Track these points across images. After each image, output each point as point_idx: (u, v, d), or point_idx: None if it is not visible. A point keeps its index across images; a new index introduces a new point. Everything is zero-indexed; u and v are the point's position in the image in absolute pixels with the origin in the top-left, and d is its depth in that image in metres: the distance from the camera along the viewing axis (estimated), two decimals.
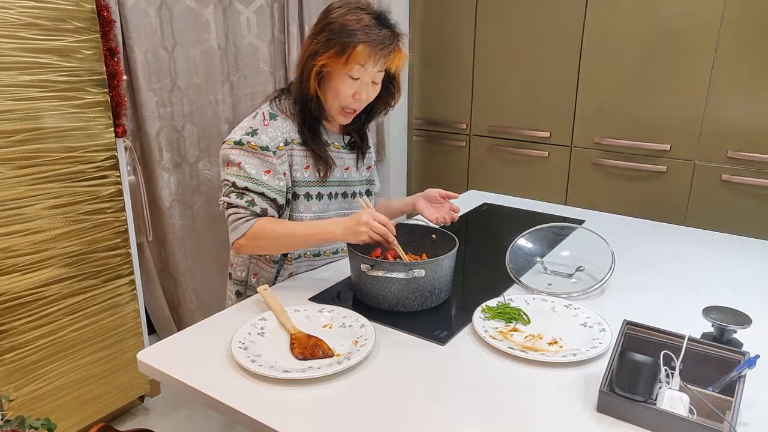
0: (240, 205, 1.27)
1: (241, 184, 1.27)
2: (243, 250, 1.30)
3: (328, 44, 1.26)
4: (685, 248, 1.62)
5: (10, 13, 1.47)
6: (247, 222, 1.27)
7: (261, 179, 1.28)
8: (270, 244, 1.28)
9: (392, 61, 1.32)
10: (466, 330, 1.14)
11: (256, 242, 1.27)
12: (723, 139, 2.32)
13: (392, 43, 1.29)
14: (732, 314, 1.02)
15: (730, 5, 2.20)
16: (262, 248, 1.31)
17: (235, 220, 1.28)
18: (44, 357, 1.71)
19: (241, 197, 1.28)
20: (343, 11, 1.28)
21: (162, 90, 2.16)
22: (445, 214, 1.52)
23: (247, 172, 1.27)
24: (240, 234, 1.27)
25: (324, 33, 1.27)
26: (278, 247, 1.33)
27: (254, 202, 1.27)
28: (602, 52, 2.50)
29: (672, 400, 0.85)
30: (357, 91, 1.31)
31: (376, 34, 1.26)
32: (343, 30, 1.25)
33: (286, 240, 1.28)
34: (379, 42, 1.26)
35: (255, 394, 0.93)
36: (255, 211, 1.28)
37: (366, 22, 1.26)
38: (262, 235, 1.26)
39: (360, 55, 1.25)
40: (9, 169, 1.53)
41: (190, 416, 2.07)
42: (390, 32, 1.29)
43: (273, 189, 1.29)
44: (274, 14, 2.48)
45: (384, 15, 1.31)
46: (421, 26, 3.01)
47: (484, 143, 2.96)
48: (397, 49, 1.31)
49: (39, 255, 1.64)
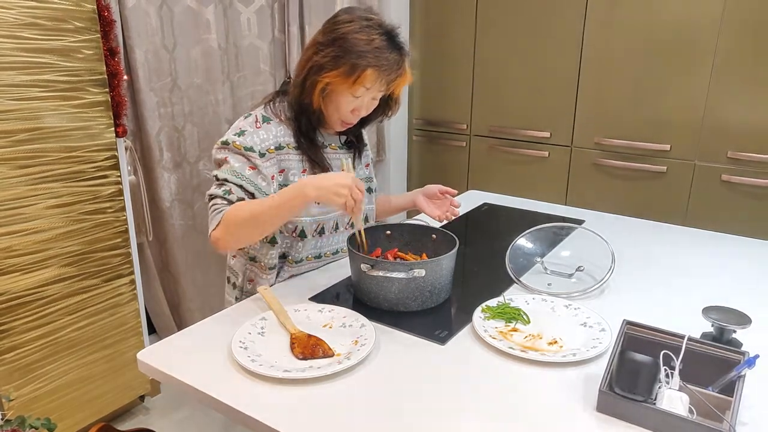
0: (218, 195, 1.23)
1: (222, 176, 1.24)
2: (221, 243, 1.20)
3: (336, 62, 1.24)
4: (685, 248, 1.62)
5: (11, 13, 1.47)
6: (222, 212, 1.21)
7: (243, 173, 1.25)
8: (245, 227, 1.18)
9: (397, 85, 1.32)
10: (466, 330, 1.14)
11: (231, 229, 1.18)
12: (723, 139, 2.32)
13: (400, 67, 1.29)
14: (732, 314, 1.03)
15: (730, 6, 2.20)
16: (238, 235, 1.21)
17: (212, 212, 1.23)
18: (44, 357, 1.71)
19: (220, 187, 1.24)
20: (354, 27, 1.24)
21: (162, 90, 2.16)
22: (446, 210, 1.53)
23: (230, 166, 1.25)
24: (214, 225, 1.20)
25: (332, 48, 1.24)
26: (254, 228, 1.20)
27: (231, 192, 1.23)
28: (602, 53, 2.51)
29: (671, 400, 0.85)
30: (357, 108, 1.32)
31: (386, 58, 1.25)
32: (353, 50, 1.23)
33: (260, 217, 1.17)
34: (388, 67, 1.26)
35: (255, 394, 0.93)
36: (231, 200, 1.22)
37: (377, 44, 1.24)
38: (235, 219, 1.18)
39: (368, 79, 1.25)
40: (9, 169, 1.54)
41: (190, 416, 2.07)
42: (398, 56, 1.28)
43: (253, 184, 1.25)
44: (275, 14, 2.48)
45: (394, 34, 1.28)
46: (421, 26, 3.01)
47: (485, 143, 2.96)
48: (404, 73, 1.31)
49: (39, 255, 1.64)
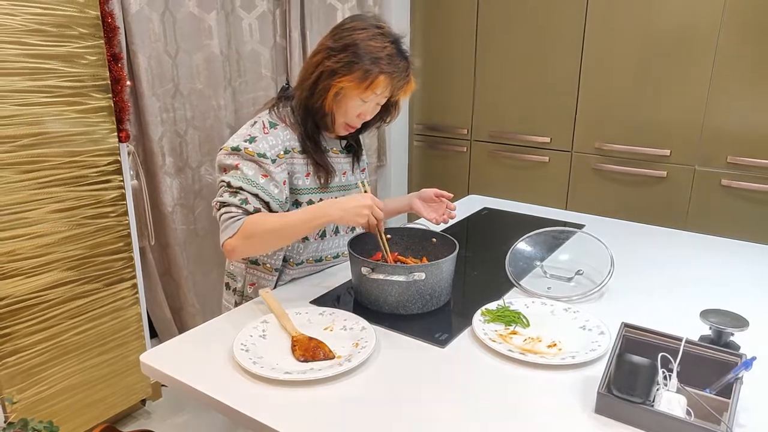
0: (232, 204, 1.23)
1: (236, 184, 1.24)
2: (236, 252, 1.21)
3: (350, 67, 1.25)
4: (683, 252, 1.63)
5: (16, 20, 1.49)
6: (239, 221, 1.21)
7: (257, 181, 1.25)
8: (264, 239, 1.21)
9: (403, 92, 1.35)
10: (466, 333, 1.15)
11: (249, 241, 1.20)
12: (723, 144, 2.33)
13: (407, 75, 1.32)
14: (729, 317, 1.03)
15: (729, 11, 2.21)
16: (255, 247, 1.24)
17: (226, 219, 1.22)
18: (47, 360, 1.72)
19: (235, 196, 1.23)
20: (368, 34, 1.26)
21: (165, 95, 2.18)
22: (442, 213, 1.54)
23: (243, 173, 1.25)
24: (231, 233, 1.20)
25: (346, 53, 1.25)
26: (273, 242, 1.24)
27: (248, 201, 1.23)
28: (603, 58, 2.52)
29: (669, 402, 0.86)
30: (362, 112, 1.34)
31: (397, 65, 1.28)
32: (368, 56, 1.25)
33: (282, 232, 1.21)
34: (398, 74, 1.29)
35: (257, 396, 0.94)
36: (248, 209, 1.23)
37: (389, 51, 1.27)
38: (255, 231, 1.19)
39: (380, 85, 1.27)
40: (13, 174, 1.55)
41: (192, 419, 2.07)
42: (406, 63, 1.32)
43: (267, 193, 1.26)
44: (276, 20, 2.50)
45: (401, 43, 1.32)
46: (422, 32, 3.03)
47: (485, 148, 2.97)
48: (410, 82, 1.34)
49: (42, 259, 1.65)
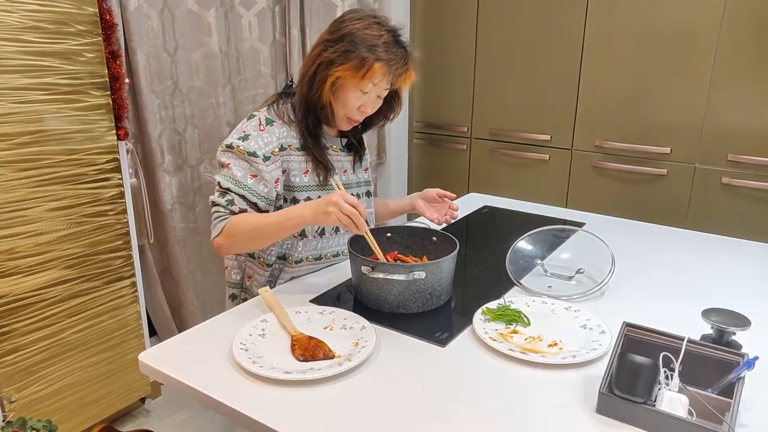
0: (220, 204, 1.28)
1: (225, 185, 1.28)
2: (222, 249, 1.29)
3: (346, 56, 1.26)
4: (685, 251, 1.63)
5: (13, 17, 1.48)
6: (225, 220, 1.27)
7: (245, 183, 1.28)
8: (244, 239, 1.26)
9: (403, 81, 1.34)
10: (466, 332, 1.14)
11: (231, 239, 1.26)
12: (723, 142, 2.33)
13: (406, 63, 1.32)
14: (731, 316, 1.03)
15: (730, 9, 2.21)
16: (238, 245, 1.29)
17: (215, 218, 1.28)
18: (46, 359, 1.71)
19: (223, 196, 1.28)
20: (363, 24, 1.28)
21: (164, 93, 2.17)
22: (445, 213, 1.54)
23: (233, 174, 1.28)
24: (217, 232, 1.27)
25: (342, 43, 1.27)
26: (253, 241, 1.28)
27: (233, 202, 1.27)
28: (603, 56, 2.51)
29: (671, 402, 0.85)
30: (363, 105, 1.34)
31: (394, 53, 1.28)
32: (364, 44, 1.26)
33: (259, 231, 1.25)
34: (396, 61, 1.29)
35: (256, 395, 0.93)
36: (233, 210, 1.28)
37: (386, 39, 1.27)
38: (237, 230, 1.25)
39: (377, 72, 1.27)
40: (11, 172, 1.54)
41: (191, 418, 2.07)
42: (405, 52, 1.31)
43: (255, 193, 1.29)
44: (276, 17, 2.49)
45: (399, 33, 1.32)
46: (422, 29, 3.02)
47: (485, 146, 2.96)
48: (409, 70, 1.33)
49: (41, 257, 1.64)
